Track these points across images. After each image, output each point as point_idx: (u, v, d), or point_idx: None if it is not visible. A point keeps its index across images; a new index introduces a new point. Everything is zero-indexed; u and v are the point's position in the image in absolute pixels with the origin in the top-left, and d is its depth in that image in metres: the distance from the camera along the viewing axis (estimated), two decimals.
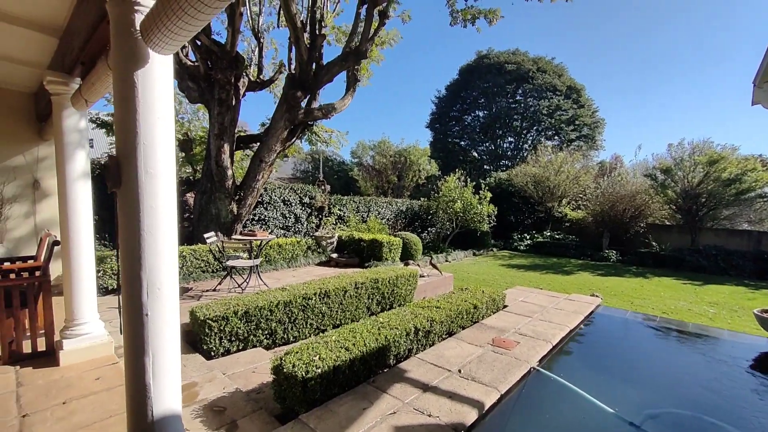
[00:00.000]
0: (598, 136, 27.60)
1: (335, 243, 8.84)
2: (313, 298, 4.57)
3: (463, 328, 4.57)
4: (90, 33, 2.12)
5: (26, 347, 3.30)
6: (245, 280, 5.99)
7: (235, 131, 8.01)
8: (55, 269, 3.93)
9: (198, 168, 10.56)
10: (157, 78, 1.51)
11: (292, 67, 8.02)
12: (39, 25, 2.93)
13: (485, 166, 27.99)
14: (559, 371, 3.67)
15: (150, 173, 1.51)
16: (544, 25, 53.66)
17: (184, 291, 5.62)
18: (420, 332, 3.67)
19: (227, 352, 3.94)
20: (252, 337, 4.09)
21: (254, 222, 9.70)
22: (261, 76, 8.70)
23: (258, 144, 8.34)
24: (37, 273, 3.61)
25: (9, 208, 4.94)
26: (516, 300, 6.01)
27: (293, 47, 7.65)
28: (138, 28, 1.42)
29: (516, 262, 12.54)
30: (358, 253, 8.79)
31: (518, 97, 27.64)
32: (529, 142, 27.40)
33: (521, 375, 3.42)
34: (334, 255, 8.48)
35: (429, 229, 14.59)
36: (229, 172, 7.71)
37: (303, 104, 7.84)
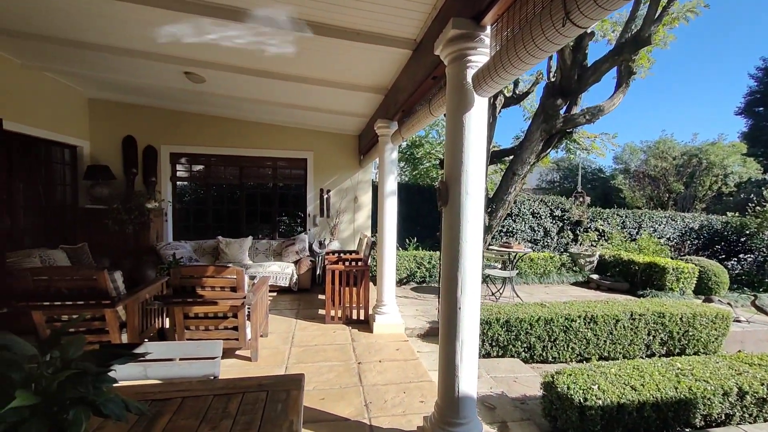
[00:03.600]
0: None
1: (595, 262, 7.80)
2: (577, 321, 4.22)
3: None
4: (414, 89, 2.85)
5: (353, 315, 4.68)
6: (498, 290, 6.22)
7: (490, 147, 8.49)
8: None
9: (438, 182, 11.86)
10: (476, 117, 1.87)
11: (551, 75, 7.74)
12: (374, 89, 4.15)
13: None
14: None
15: (469, 194, 1.87)
16: None
17: None
18: (748, 396, 2.72)
19: (488, 355, 4.22)
20: (511, 346, 4.20)
21: (501, 234, 9.92)
22: (517, 91, 8.88)
23: (511, 157, 8.52)
24: (359, 263, 5.07)
25: (341, 216, 7.16)
26: None
27: (554, 54, 7.38)
28: (469, 80, 1.81)
29: None
30: (626, 276, 7.42)
31: None
32: None
33: None
34: (594, 276, 7.50)
35: (741, 256, 10.49)
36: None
37: (562, 111, 7.41)
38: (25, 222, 5.19)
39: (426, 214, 10.47)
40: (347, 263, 4.91)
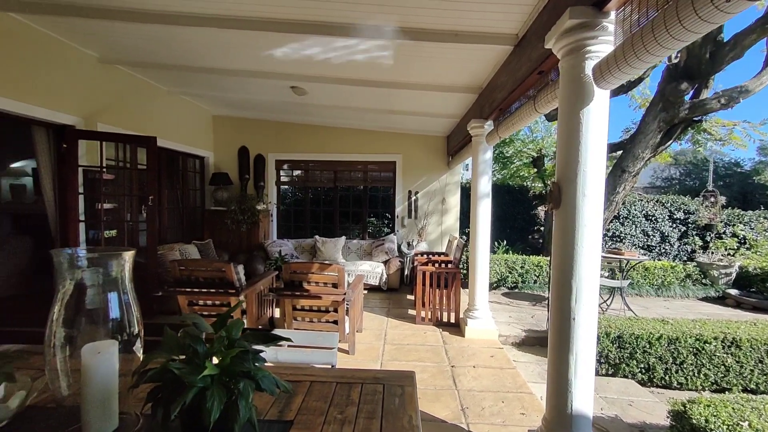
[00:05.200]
0: None
1: (734, 275, 6.53)
2: (712, 343, 3.58)
3: None
4: (515, 86, 2.73)
5: (443, 317, 4.65)
6: (605, 301, 5.60)
7: None
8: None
9: (549, 182, 11.03)
10: (596, 112, 1.72)
11: (673, 56, 6.70)
12: (467, 89, 4.08)
13: None
14: None
15: (586, 195, 1.73)
16: None
17: (541, 300, 6.00)
18: None
19: (595, 372, 3.81)
20: (623, 365, 3.74)
21: (607, 238, 8.88)
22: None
23: (619, 153, 7.59)
24: (449, 266, 5.01)
25: (428, 218, 7.17)
26: None
27: None
28: (588, 72, 1.68)
29: None
30: None
31: None
32: None
33: None
34: (733, 291, 6.27)
35: None
36: None
37: (687, 97, 6.37)
38: (168, 221, 6.27)
39: (516, 215, 9.92)
40: (437, 265, 4.90)
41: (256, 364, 1.03)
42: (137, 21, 3.10)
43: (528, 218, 10.02)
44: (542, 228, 9.72)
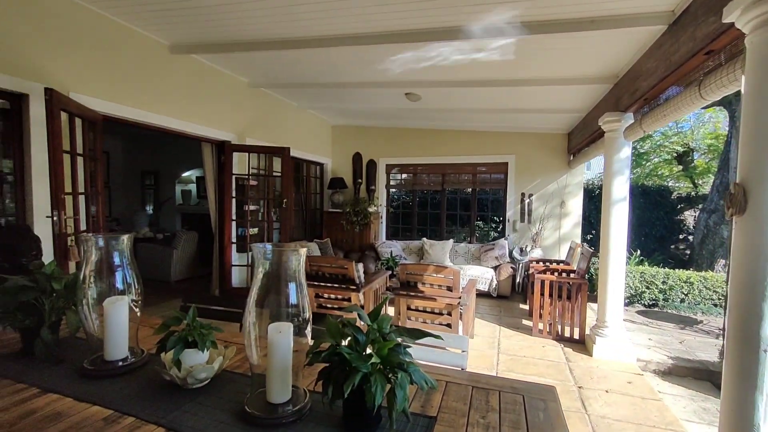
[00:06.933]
0: None
1: None
2: None
3: None
4: (668, 71, 2.34)
5: (565, 332, 4.23)
6: None
7: None
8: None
9: (700, 182, 9.17)
10: None
11: None
12: (599, 79, 3.67)
13: None
14: None
15: None
16: None
17: (691, 323, 5.01)
18: None
19: None
20: None
21: None
22: None
23: None
24: (572, 275, 4.55)
25: (544, 222, 6.63)
26: None
27: None
28: None
29: None
30: None
31: None
32: None
33: None
34: None
35: None
36: None
37: None
38: (294, 221, 7.09)
39: (654, 221, 8.50)
40: (558, 274, 4.50)
41: (407, 357, 1.09)
42: (276, 48, 3.61)
43: (669, 225, 8.49)
44: (691, 237, 8.15)
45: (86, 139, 3.14)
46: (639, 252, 7.28)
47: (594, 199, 8.27)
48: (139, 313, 1.41)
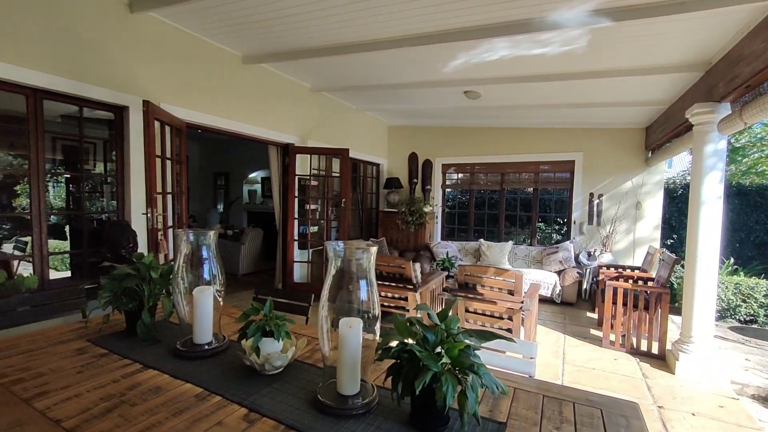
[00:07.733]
0: None
1: None
2: None
3: None
4: None
5: (641, 345, 3.86)
6: None
7: None
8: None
9: None
10: None
11: None
12: (686, 67, 3.30)
13: None
14: None
15: None
16: None
17: None
18: None
19: None
20: None
21: None
22: None
23: None
24: (650, 283, 4.14)
25: (615, 225, 6.10)
26: None
27: None
28: None
29: None
30: None
31: None
32: None
33: None
34: None
35: None
36: None
37: None
38: (351, 220, 7.28)
39: (752, 225, 7.44)
40: (633, 281, 4.12)
41: (477, 360, 1.07)
42: (336, 54, 3.73)
43: None
44: None
45: (173, 144, 3.50)
46: (732, 260, 6.41)
47: (676, 200, 7.43)
48: (221, 302, 1.54)
